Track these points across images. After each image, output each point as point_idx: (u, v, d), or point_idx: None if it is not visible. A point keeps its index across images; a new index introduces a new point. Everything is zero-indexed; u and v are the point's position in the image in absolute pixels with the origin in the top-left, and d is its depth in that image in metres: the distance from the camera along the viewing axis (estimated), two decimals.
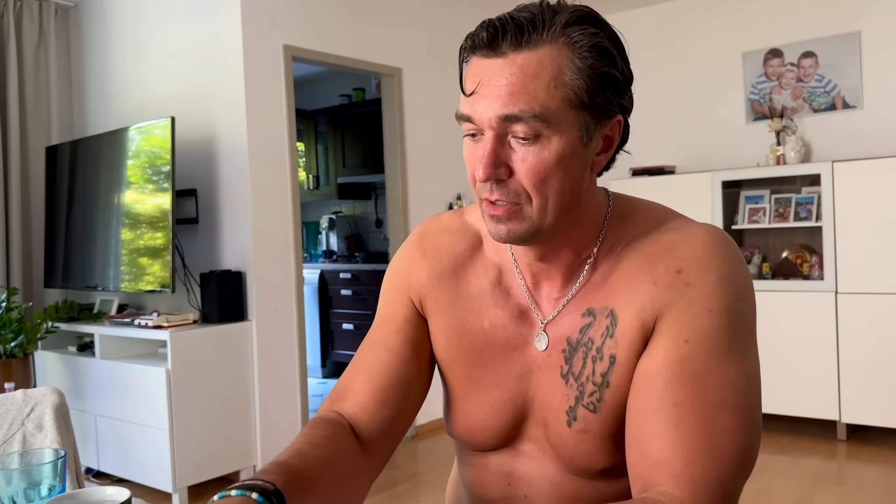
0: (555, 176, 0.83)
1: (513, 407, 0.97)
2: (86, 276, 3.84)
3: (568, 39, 0.81)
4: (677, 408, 0.82)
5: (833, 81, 4.29)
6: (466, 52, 0.85)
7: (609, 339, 0.90)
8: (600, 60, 0.83)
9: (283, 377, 3.69)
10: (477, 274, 1.00)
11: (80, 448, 3.66)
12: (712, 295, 0.85)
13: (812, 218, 4.11)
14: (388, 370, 0.98)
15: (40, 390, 1.10)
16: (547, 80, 0.80)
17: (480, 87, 0.82)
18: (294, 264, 3.74)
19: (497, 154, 0.83)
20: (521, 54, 0.80)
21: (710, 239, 0.89)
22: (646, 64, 4.96)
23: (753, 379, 0.86)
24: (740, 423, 0.82)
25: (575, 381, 0.92)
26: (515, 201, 0.84)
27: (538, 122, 0.80)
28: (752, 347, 0.87)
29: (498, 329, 0.97)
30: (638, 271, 0.89)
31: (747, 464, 0.83)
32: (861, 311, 3.83)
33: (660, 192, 4.47)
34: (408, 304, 1.02)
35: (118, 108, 4.18)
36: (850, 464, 3.68)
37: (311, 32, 3.85)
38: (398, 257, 1.07)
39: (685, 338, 0.84)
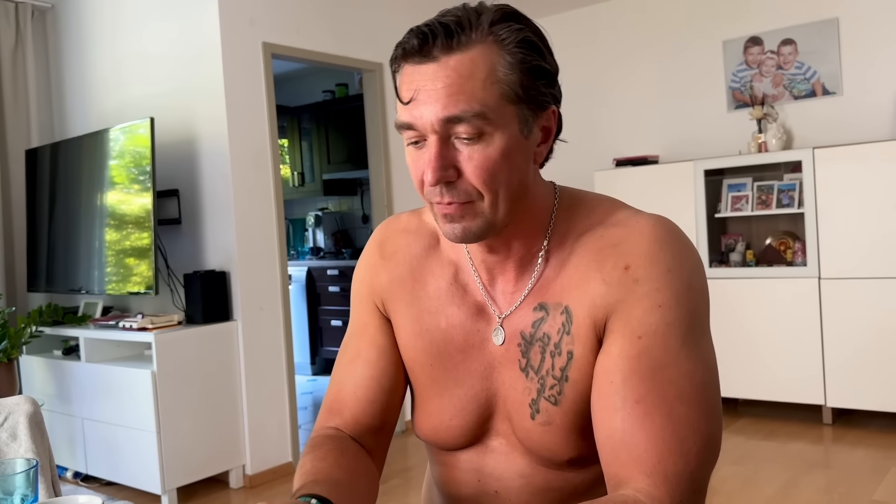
0: (502, 171, 0.85)
1: (477, 404, 0.98)
2: (69, 280, 3.82)
3: (496, 38, 0.83)
4: (639, 405, 0.83)
5: (813, 68, 4.31)
6: (398, 61, 0.86)
7: (566, 336, 0.91)
8: (529, 54, 0.85)
9: (271, 376, 3.69)
10: (433, 273, 1.01)
11: (67, 452, 3.66)
12: (661, 289, 0.86)
13: (794, 204, 4.13)
14: (371, 384, 1.02)
15: (14, 399, 1.10)
16: (482, 79, 0.82)
17: (418, 94, 0.83)
18: (279, 263, 3.73)
19: (443, 157, 0.84)
20: (454, 56, 0.82)
21: (656, 231, 0.89)
22: (626, 54, 4.97)
23: (710, 368, 0.86)
24: (702, 415, 0.83)
25: (535, 374, 0.93)
26: (467, 200, 0.86)
27: (479, 120, 0.82)
28: (706, 336, 0.88)
29: (456, 327, 0.98)
30: (588, 268, 0.90)
31: (713, 455, 0.84)
32: (844, 296, 3.86)
33: (643, 182, 4.49)
34: (374, 311, 1.05)
35: (98, 109, 4.15)
36: (836, 447, 3.71)
37: (291, 29, 3.83)
38: (361, 263, 1.09)
39: (638, 334, 0.85)
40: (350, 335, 1.07)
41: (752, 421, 4.16)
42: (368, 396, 1.01)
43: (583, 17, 5.16)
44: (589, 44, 5.13)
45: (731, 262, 4.33)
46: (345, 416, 1.01)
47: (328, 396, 1.05)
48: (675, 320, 0.85)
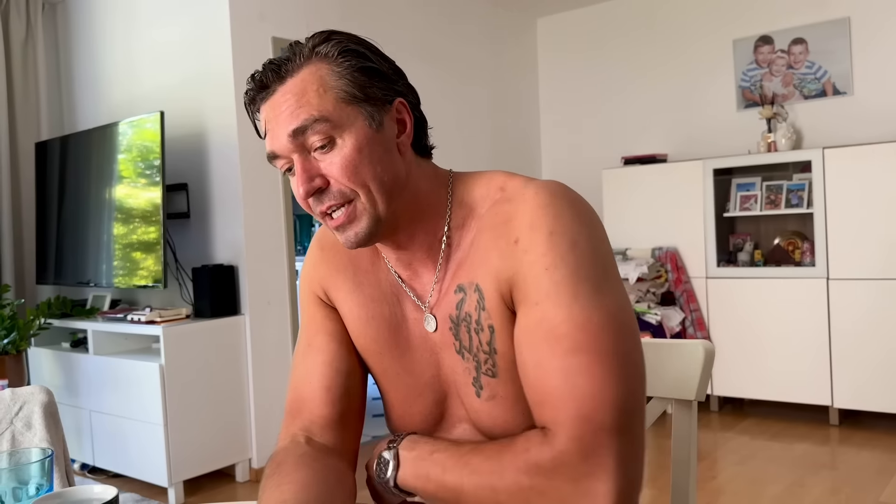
0: (363, 165, 0.90)
1: (431, 390, 1.02)
2: (78, 272, 3.83)
3: (319, 57, 0.92)
4: (540, 368, 0.87)
5: (823, 68, 4.29)
6: (250, 107, 0.95)
7: (483, 312, 0.94)
8: (353, 59, 0.92)
9: (278, 370, 3.70)
10: (372, 263, 1.05)
11: (75, 444, 3.67)
12: (546, 253, 0.88)
13: (803, 204, 4.12)
14: (326, 370, 1.03)
15: (28, 389, 1.10)
16: (315, 90, 0.90)
17: (268, 124, 0.92)
18: (287, 257, 3.74)
19: (307, 169, 0.91)
20: (287, 82, 0.91)
21: (538, 198, 0.91)
22: (636, 52, 4.96)
23: (611, 313, 0.86)
24: (597, 360, 0.84)
25: (469, 353, 0.97)
26: (345, 200, 0.92)
27: (322, 124, 0.89)
28: (606, 285, 0.88)
29: (398, 317, 1.02)
30: (488, 245, 0.94)
31: (619, 396, 0.83)
32: (852, 297, 3.84)
33: (652, 181, 4.48)
34: (318, 302, 1.08)
35: (107, 102, 4.16)
36: (842, 448, 3.70)
37: (300, 24, 3.84)
38: (305, 260, 1.13)
39: (535, 301, 0.88)
40: (300, 332, 1.10)
41: (758, 421, 4.15)
42: (324, 383, 1.02)
43: (592, 15, 5.15)
44: (598, 42, 5.11)
45: (740, 261, 4.32)
46: (304, 415, 1.02)
47: (288, 399, 1.06)
48: (562, 278, 0.86)
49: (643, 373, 0.89)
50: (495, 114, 5.03)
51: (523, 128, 5.32)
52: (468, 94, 4.76)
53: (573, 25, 5.23)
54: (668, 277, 4.38)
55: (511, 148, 5.18)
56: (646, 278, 4.30)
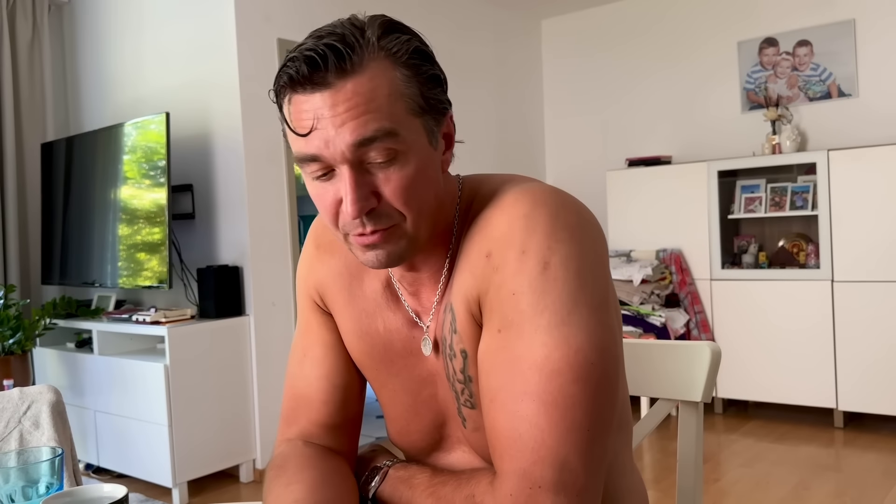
0: (419, 188, 0.82)
1: (429, 410, 0.96)
2: (83, 273, 3.84)
3: (387, 52, 0.80)
4: (493, 403, 0.81)
5: (828, 70, 4.29)
6: (285, 90, 0.80)
7: (454, 335, 0.88)
8: (423, 63, 0.82)
9: (282, 371, 3.69)
10: (369, 274, 0.97)
11: (79, 444, 3.68)
12: (515, 275, 0.80)
13: (808, 207, 4.11)
14: (323, 384, 0.99)
15: (36, 388, 1.11)
16: (386, 95, 0.78)
17: (319, 123, 0.78)
18: (291, 258, 3.75)
19: (361, 185, 0.79)
20: (350, 79, 0.77)
21: (516, 208, 0.82)
22: (640, 53, 4.96)
23: (573, 355, 0.77)
24: (543, 410, 0.76)
25: (449, 381, 0.91)
26: (390, 224, 0.82)
27: (391, 139, 0.78)
28: (573, 319, 0.78)
29: (393, 333, 0.95)
30: (464, 259, 0.86)
31: (561, 453, 0.77)
32: (857, 300, 3.84)
33: (656, 183, 4.48)
34: (314, 308, 1.01)
35: (113, 103, 4.18)
36: (847, 451, 3.70)
37: (305, 25, 3.82)
38: (300, 260, 1.06)
39: (498, 327, 0.81)
40: (296, 336, 1.04)
41: (762, 423, 4.15)
42: (321, 397, 0.98)
43: (596, 16, 5.15)
44: (603, 43, 5.12)
45: (744, 263, 4.31)
46: (302, 423, 0.99)
47: (284, 404, 1.02)
48: (528, 307, 0.78)
49: (602, 421, 0.79)
50: (499, 115, 5.03)
51: (527, 129, 5.32)
52: (472, 95, 4.77)
53: (578, 27, 5.23)
54: (673, 279, 4.38)
55: (515, 149, 5.18)
56: (650, 280, 4.30)
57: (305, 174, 0.83)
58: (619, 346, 0.85)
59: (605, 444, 0.80)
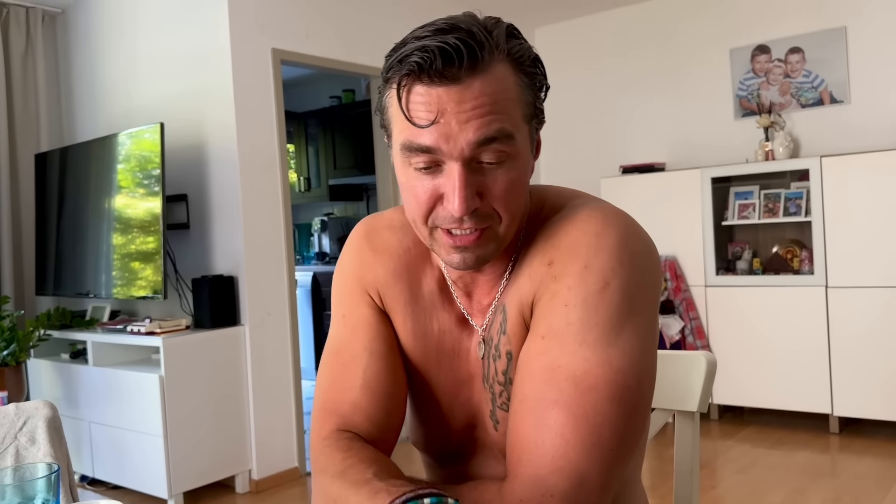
0: (519, 191, 0.84)
1: (462, 413, 0.96)
2: (77, 283, 3.83)
3: (511, 56, 0.81)
4: (523, 404, 0.82)
5: (820, 76, 4.31)
6: (406, 78, 0.79)
7: (503, 336, 0.89)
8: (540, 72, 0.84)
9: (277, 381, 3.69)
10: (425, 274, 0.97)
11: (74, 455, 3.67)
12: (572, 287, 0.81)
13: (801, 213, 4.13)
14: (384, 376, 0.94)
15: (32, 403, 1.10)
16: (509, 98, 0.80)
17: (442, 116, 0.77)
18: (286, 268, 3.74)
19: (472, 184, 0.80)
20: (478, 78, 0.78)
21: (588, 224, 0.84)
22: (634, 61, 4.98)
23: (612, 374, 0.79)
24: (573, 423, 0.78)
25: (486, 383, 0.92)
26: (487, 224, 0.82)
27: (507, 142, 0.79)
28: (620, 340, 0.80)
29: (445, 333, 0.96)
30: (526, 264, 0.88)
31: (581, 468, 0.77)
32: (851, 305, 3.85)
33: (650, 189, 4.50)
34: (371, 304, 0.98)
35: (107, 114, 4.17)
36: (843, 456, 3.70)
37: (300, 35, 3.85)
38: (347, 258, 1.02)
39: (542, 334, 0.83)
40: (343, 333, 0.98)
41: (758, 429, 4.15)
42: (384, 390, 0.94)
43: (591, 24, 5.17)
44: (597, 51, 5.14)
45: (738, 269, 4.32)
46: (354, 418, 0.93)
47: (326, 400, 0.96)
48: (577, 320, 0.80)
49: (628, 444, 0.80)
50: None
51: None
52: None
53: (571, 35, 5.25)
54: (668, 286, 4.39)
55: None
56: None
57: (405, 163, 0.82)
58: (654, 376, 0.85)
59: (625, 466, 0.81)
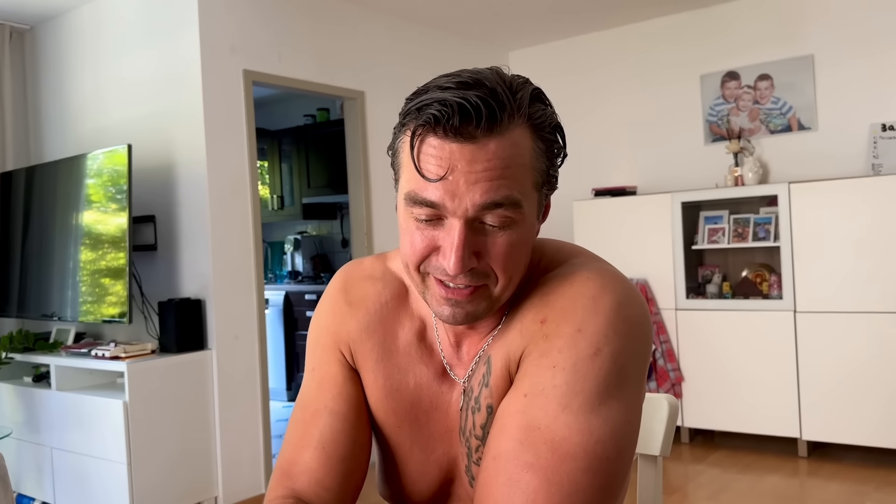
0: (520, 255, 0.82)
1: (438, 469, 0.95)
2: (42, 305, 3.76)
3: (531, 121, 0.80)
4: (495, 461, 0.80)
5: (788, 103, 4.37)
6: (421, 129, 0.78)
7: (485, 389, 0.87)
8: (558, 140, 0.83)
9: (245, 407, 3.64)
10: (403, 326, 0.96)
11: (35, 482, 3.58)
12: (562, 350, 0.80)
13: (770, 238, 4.17)
14: (342, 438, 0.93)
15: None
16: (521, 164, 0.78)
17: (451, 173, 0.76)
18: (255, 291, 3.70)
19: (471, 244, 0.79)
20: (494, 139, 0.76)
21: (584, 287, 0.83)
22: (606, 85, 5.02)
23: (592, 444, 0.78)
24: (545, 489, 0.76)
25: (463, 436, 0.90)
26: (482, 283, 0.81)
27: (513, 208, 0.78)
28: (604, 408, 0.79)
29: (423, 388, 0.94)
30: (517, 318, 0.86)
31: None
32: (820, 330, 3.89)
33: (621, 212, 4.52)
34: (342, 361, 0.97)
35: (75, 133, 4.11)
36: (811, 481, 3.72)
37: (272, 57, 3.83)
38: (323, 309, 1.01)
39: (525, 391, 0.81)
40: (310, 388, 0.97)
41: (728, 453, 4.16)
42: (339, 453, 0.92)
43: (564, 48, 5.21)
44: (569, 74, 5.17)
45: (708, 293, 4.35)
46: (303, 481, 0.92)
47: (283, 458, 0.95)
48: (564, 384, 0.79)
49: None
50: None
51: None
52: None
53: (545, 59, 5.29)
54: None
55: None
56: None
57: (406, 212, 0.81)
58: (634, 448, 0.84)
59: None
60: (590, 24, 4.89)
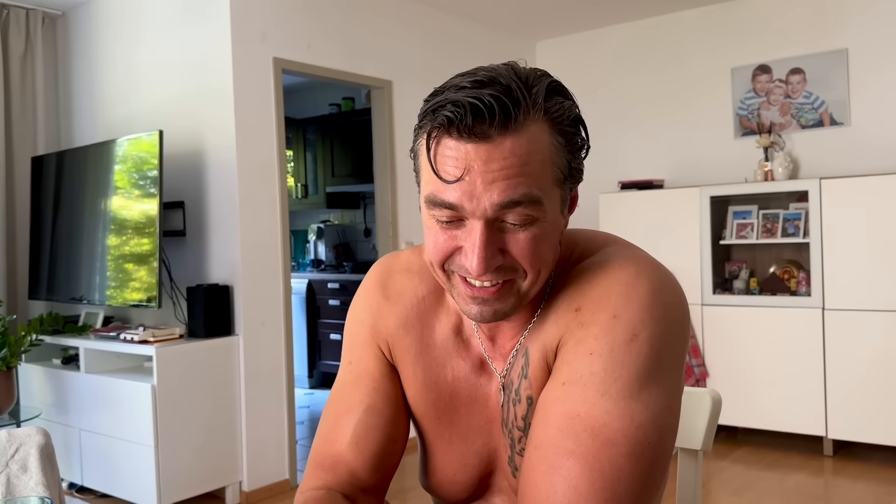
0: (545, 250, 0.81)
1: (479, 460, 0.95)
2: (71, 288, 3.80)
3: (549, 115, 0.79)
4: (537, 450, 0.80)
5: (820, 98, 4.32)
6: (436, 131, 0.78)
7: (524, 380, 0.87)
8: (578, 132, 0.82)
9: (270, 392, 3.66)
10: (440, 321, 0.96)
11: (64, 463, 3.63)
12: (598, 336, 0.80)
13: (799, 234, 4.13)
14: (375, 434, 0.94)
15: (25, 430, 1.08)
16: (539, 161, 0.78)
17: (468, 174, 0.76)
18: (282, 278, 3.72)
19: (493, 243, 0.78)
20: (509, 137, 0.76)
21: (618, 274, 0.83)
22: (635, 78, 4.98)
23: (633, 429, 0.77)
24: (587, 475, 0.76)
25: (506, 428, 0.91)
26: (508, 277, 0.81)
27: (534, 206, 0.78)
28: (644, 394, 0.79)
29: (461, 381, 0.94)
30: (553, 310, 0.86)
31: None
32: (848, 328, 3.85)
33: (648, 206, 4.49)
34: (379, 356, 0.98)
35: (106, 118, 4.15)
36: (836, 480, 3.69)
37: (302, 45, 3.84)
38: (360, 303, 1.02)
39: (563, 380, 0.81)
40: (346, 382, 0.98)
41: (752, 450, 4.14)
42: (372, 448, 0.93)
43: (592, 39, 5.18)
44: (598, 66, 5.14)
45: (735, 289, 4.32)
46: (339, 472, 0.93)
47: (317, 451, 0.96)
48: (602, 370, 0.79)
49: (643, 500, 0.78)
50: None
51: None
52: None
53: (572, 50, 5.25)
54: None
55: None
56: None
57: (428, 213, 0.82)
58: (675, 433, 0.84)
59: None
60: (619, 14, 4.85)
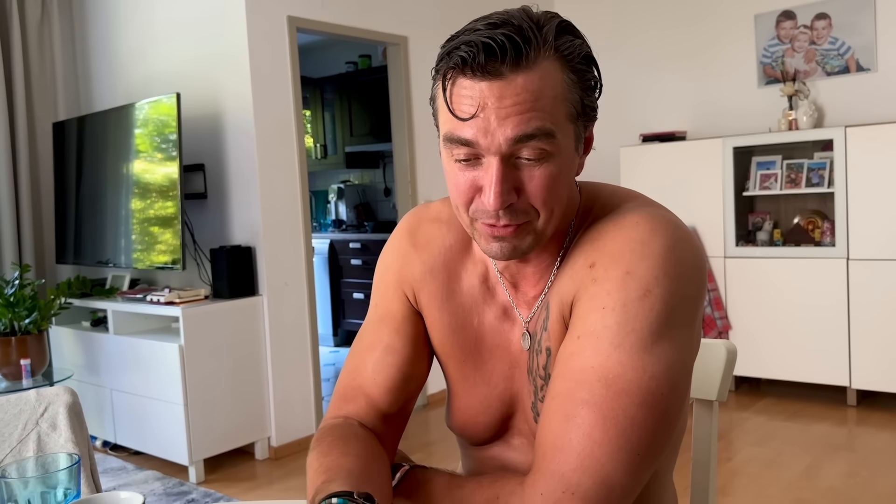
0: (559, 188, 0.84)
1: (500, 403, 0.98)
2: (97, 252, 3.86)
3: (559, 53, 0.81)
4: (554, 401, 0.82)
5: (847, 44, 4.20)
6: (451, 71, 0.80)
7: (544, 332, 0.91)
8: (589, 70, 0.84)
9: (295, 350, 3.72)
10: (466, 269, 0.99)
11: (96, 422, 3.73)
12: (611, 292, 0.82)
13: (824, 184, 4.06)
14: (393, 371, 0.98)
15: (53, 389, 1.11)
16: (552, 96, 0.80)
17: (482, 111, 0.79)
18: (303, 238, 3.75)
19: (507, 179, 0.81)
20: (521, 74, 0.78)
21: (635, 230, 0.84)
22: (657, 28, 4.88)
23: (647, 381, 0.79)
24: (601, 423, 0.78)
25: (530, 376, 0.94)
26: (524, 220, 0.84)
27: (547, 140, 0.80)
28: (657, 347, 0.80)
29: (486, 326, 0.98)
30: (569, 264, 0.89)
31: (607, 469, 0.77)
32: (872, 278, 3.81)
33: (670, 159, 4.44)
34: (403, 300, 1.02)
35: (124, 82, 4.16)
36: (860, 430, 3.69)
37: (315, 2, 3.80)
38: (389, 250, 1.06)
39: (578, 334, 0.83)
40: (371, 323, 1.04)
41: (775, 401, 4.14)
42: (387, 384, 0.98)
43: None
44: (617, 16, 5.04)
45: (758, 240, 4.28)
46: (359, 403, 0.99)
47: (341, 383, 1.02)
48: (615, 324, 0.80)
49: (655, 449, 0.80)
50: None
51: None
52: None
53: (593, 2, 5.15)
54: None
55: None
56: None
57: (448, 154, 0.85)
58: (689, 387, 0.86)
59: (649, 470, 0.81)
60: None
